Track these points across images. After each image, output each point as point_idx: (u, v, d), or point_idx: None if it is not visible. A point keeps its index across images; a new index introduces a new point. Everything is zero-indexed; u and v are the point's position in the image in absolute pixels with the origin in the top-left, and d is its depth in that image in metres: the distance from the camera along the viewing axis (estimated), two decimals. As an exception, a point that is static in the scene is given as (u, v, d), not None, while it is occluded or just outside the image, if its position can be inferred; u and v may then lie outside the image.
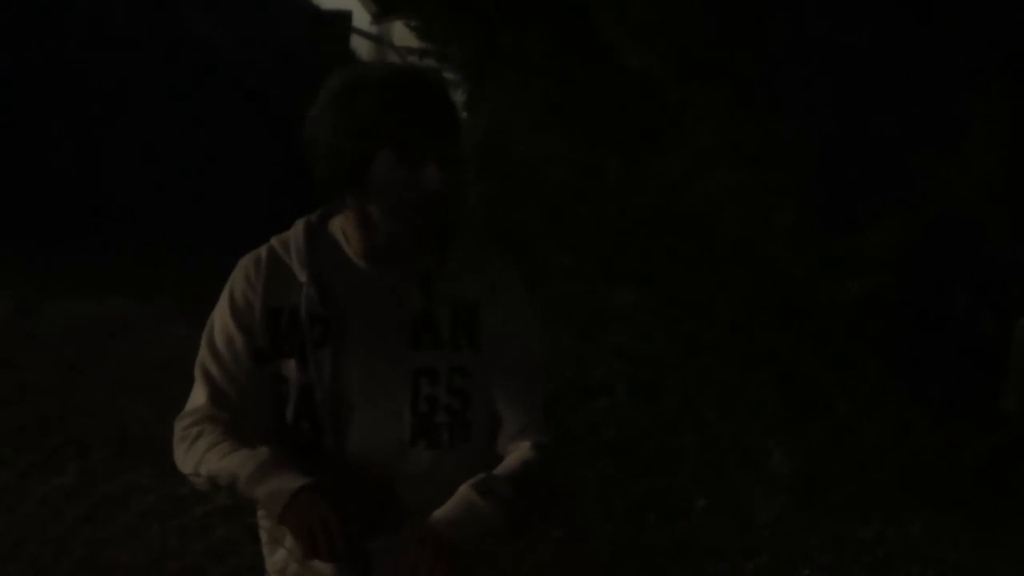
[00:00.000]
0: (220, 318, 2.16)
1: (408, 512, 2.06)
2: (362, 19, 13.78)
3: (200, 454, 2.08)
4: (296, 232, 2.18)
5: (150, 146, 11.60)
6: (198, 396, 2.15)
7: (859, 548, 4.72)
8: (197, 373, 2.16)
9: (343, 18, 14.50)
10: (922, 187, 4.91)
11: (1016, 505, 4.79)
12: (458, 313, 2.13)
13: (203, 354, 2.16)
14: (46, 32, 11.61)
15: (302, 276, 2.12)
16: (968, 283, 5.04)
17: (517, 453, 2.15)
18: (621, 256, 5.69)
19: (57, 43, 11.62)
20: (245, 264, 2.17)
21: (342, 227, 2.15)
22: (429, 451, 2.12)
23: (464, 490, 2.03)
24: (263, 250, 2.18)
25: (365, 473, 2.10)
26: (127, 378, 6.85)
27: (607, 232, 5.70)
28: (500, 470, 2.10)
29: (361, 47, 14.98)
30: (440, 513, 2.01)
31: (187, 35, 12.14)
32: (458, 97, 5.83)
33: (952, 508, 4.83)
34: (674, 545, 4.86)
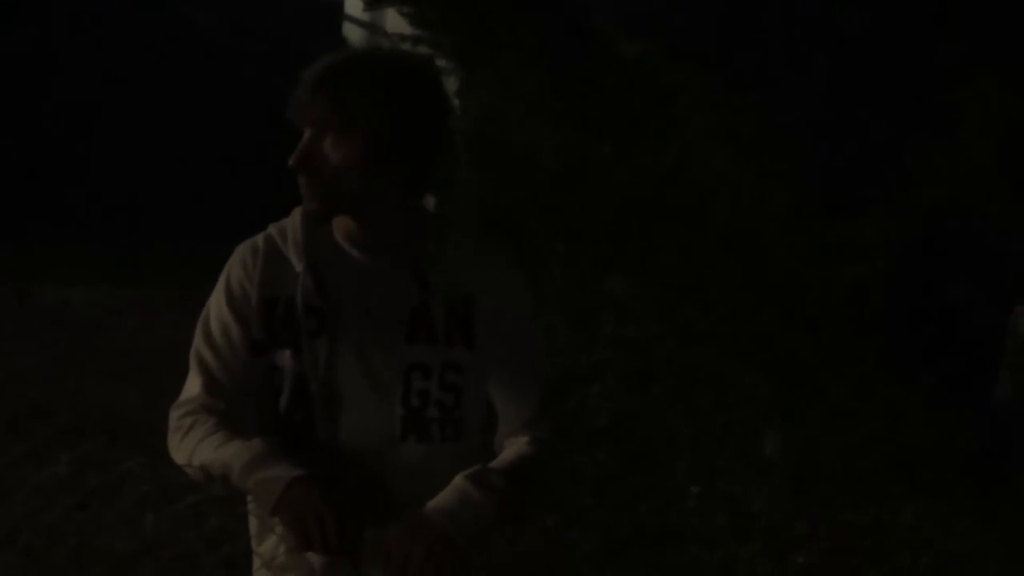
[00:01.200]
0: (216, 306, 2.14)
1: (400, 505, 2.06)
2: (354, 6, 13.72)
3: (194, 444, 2.06)
4: (294, 220, 2.15)
5: (142, 134, 11.58)
6: (193, 385, 2.13)
7: (852, 535, 4.72)
8: (192, 361, 2.15)
9: (335, 5, 14.45)
10: (916, 174, 4.90)
11: (1009, 492, 4.79)
12: (453, 307, 2.11)
13: (198, 342, 2.14)
14: (38, 19, 11.58)
15: (299, 265, 2.10)
16: (963, 271, 5.04)
17: (514, 447, 2.14)
18: (614, 243, 5.67)
19: (48, 31, 11.59)
20: (242, 251, 2.15)
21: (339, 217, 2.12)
22: (419, 445, 2.11)
23: (459, 480, 2.02)
24: (260, 238, 2.16)
25: (357, 465, 2.09)
26: (120, 366, 6.85)
27: (600, 219, 5.68)
28: (496, 463, 2.10)
29: (353, 34, 14.92)
30: (434, 503, 2.00)
31: (178, 22, 12.11)
32: (451, 85, 5.81)
33: (946, 495, 4.83)
34: (667, 533, 4.86)
